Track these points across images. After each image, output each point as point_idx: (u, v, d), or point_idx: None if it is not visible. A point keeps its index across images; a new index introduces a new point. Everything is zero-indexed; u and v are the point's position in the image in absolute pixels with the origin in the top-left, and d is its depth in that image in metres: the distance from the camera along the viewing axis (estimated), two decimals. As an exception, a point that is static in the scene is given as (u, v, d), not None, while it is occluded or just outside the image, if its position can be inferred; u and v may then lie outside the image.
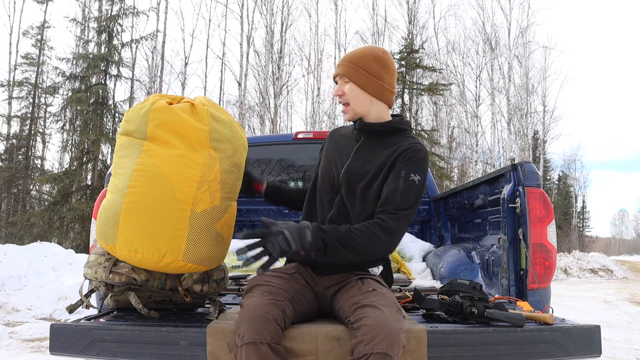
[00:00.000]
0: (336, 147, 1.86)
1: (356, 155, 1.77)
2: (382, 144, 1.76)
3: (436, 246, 3.20)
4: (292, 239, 1.44)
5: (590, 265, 16.49)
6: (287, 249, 1.44)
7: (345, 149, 1.82)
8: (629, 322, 6.12)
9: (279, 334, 1.41)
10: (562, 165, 34.27)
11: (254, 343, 1.35)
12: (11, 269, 6.33)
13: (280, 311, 1.44)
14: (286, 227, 1.47)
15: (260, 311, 1.40)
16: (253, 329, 1.36)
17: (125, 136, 1.70)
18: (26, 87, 20.87)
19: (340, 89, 1.77)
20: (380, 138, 1.78)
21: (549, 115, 24.99)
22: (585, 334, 1.60)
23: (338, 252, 1.52)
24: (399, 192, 1.61)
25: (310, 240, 1.47)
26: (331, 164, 1.81)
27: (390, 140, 1.76)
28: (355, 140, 1.82)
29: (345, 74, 1.76)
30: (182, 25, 25.53)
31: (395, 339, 1.33)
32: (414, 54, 17.35)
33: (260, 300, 1.45)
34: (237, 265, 2.73)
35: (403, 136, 1.77)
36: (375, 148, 1.76)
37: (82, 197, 14.23)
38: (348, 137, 1.86)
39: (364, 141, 1.79)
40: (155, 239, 1.57)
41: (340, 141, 1.88)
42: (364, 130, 1.79)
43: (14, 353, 3.93)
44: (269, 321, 1.38)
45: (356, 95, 1.75)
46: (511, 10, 22.78)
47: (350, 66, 1.75)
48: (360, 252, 1.55)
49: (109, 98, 15.28)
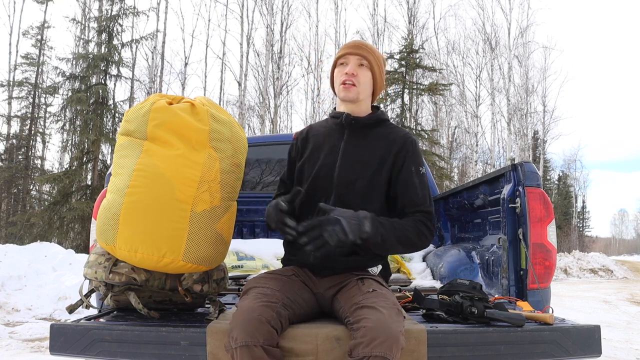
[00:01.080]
0: (317, 146, 1.82)
1: (346, 151, 1.75)
2: (369, 136, 1.77)
3: (436, 246, 3.20)
4: (349, 230, 1.47)
5: (590, 265, 16.49)
6: (343, 238, 1.46)
7: (330, 146, 1.78)
8: (629, 322, 6.12)
9: (273, 336, 1.40)
10: (562, 165, 34.32)
11: (247, 346, 1.35)
12: (11, 269, 6.33)
13: (275, 313, 1.43)
14: (344, 216, 1.48)
15: (253, 314, 1.40)
16: (245, 332, 1.36)
17: (125, 136, 1.71)
18: (26, 87, 20.86)
19: (355, 69, 1.76)
20: (365, 130, 1.79)
21: (549, 115, 25.02)
22: (585, 334, 1.60)
23: (391, 246, 1.58)
24: (420, 191, 1.71)
25: (368, 232, 1.50)
26: (317, 163, 1.77)
27: (376, 132, 1.78)
28: (339, 134, 1.80)
29: (367, 58, 1.76)
30: (182, 25, 25.54)
31: (394, 342, 1.33)
32: (414, 54, 17.33)
33: (254, 302, 1.45)
34: (237, 265, 2.73)
35: (387, 127, 1.81)
36: (364, 142, 1.76)
37: (82, 197, 14.23)
38: (327, 133, 1.83)
39: (350, 136, 1.78)
40: (155, 239, 1.57)
41: (320, 139, 1.83)
42: (351, 125, 1.78)
43: (14, 353, 3.93)
44: (262, 324, 1.38)
45: (367, 83, 1.78)
46: (511, 10, 22.79)
47: (373, 55, 1.78)
48: (409, 246, 1.63)
49: (109, 98, 15.29)
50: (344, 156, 1.75)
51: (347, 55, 1.77)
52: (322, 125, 1.89)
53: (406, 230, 1.62)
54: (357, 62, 1.76)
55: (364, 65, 1.76)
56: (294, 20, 22.09)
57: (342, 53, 1.79)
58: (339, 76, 1.78)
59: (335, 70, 1.83)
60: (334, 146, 1.78)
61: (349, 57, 1.77)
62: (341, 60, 1.79)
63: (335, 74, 1.83)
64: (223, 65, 21.62)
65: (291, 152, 1.92)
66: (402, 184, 1.72)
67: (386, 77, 14.47)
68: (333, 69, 1.85)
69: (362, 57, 1.76)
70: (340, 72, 1.79)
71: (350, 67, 1.76)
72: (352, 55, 1.76)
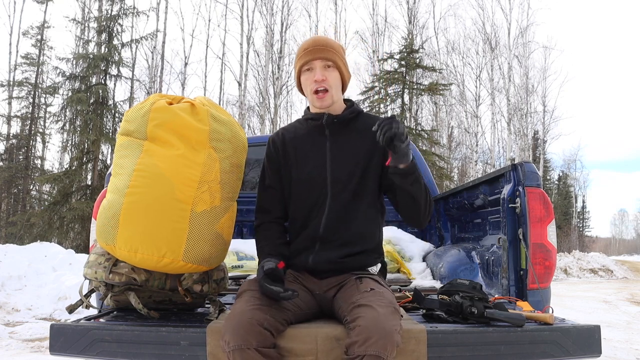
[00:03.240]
0: (300, 149, 1.79)
1: (334, 151, 1.75)
2: (351, 131, 1.77)
3: (436, 246, 3.20)
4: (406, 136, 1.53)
5: (590, 265, 16.48)
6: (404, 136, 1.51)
7: (315, 148, 1.77)
8: (629, 322, 6.12)
9: (267, 338, 1.40)
10: (562, 165, 34.32)
11: (240, 349, 1.36)
12: (11, 269, 6.33)
13: (268, 315, 1.43)
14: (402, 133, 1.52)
15: (244, 317, 1.40)
16: (237, 335, 1.36)
17: (125, 136, 1.70)
18: (26, 87, 20.86)
19: (323, 74, 1.72)
20: (346, 126, 1.78)
21: (549, 115, 25.02)
22: (585, 334, 1.60)
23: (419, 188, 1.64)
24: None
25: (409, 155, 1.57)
26: (306, 166, 1.76)
27: (356, 125, 1.79)
28: (320, 134, 1.78)
29: (331, 59, 1.72)
30: (182, 25, 25.51)
31: (389, 340, 1.33)
32: (414, 54, 17.31)
33: (246, 305, 1.44)
34: (237, 265, 2.73)
35: (365, 117, 1.82)
36: (348, 138, 1.76)
37: (82, 197, 14.23)
38: (307, 134, 1.80)
39: (332, 134, 1.77)
40: (155, 239, 1.57)
41: (301, 142, 1.80)
42: (333, 123, 1.77)
43: (14, 353, 3.93)
44: (253, 326, 1.38)
45: (337, 83, 1.76)
46: (511, 10, 22.79)
47: (335, 52, 1.74)
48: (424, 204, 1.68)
49: (109, 98, 15.28)
50: (332, 155, 1.74)
51: (311, 62, 1.72)
52: (298, 127, 1.85)
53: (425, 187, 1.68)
54: (323, 64, 1.72)
55: (330, 66, 1.73)
56: (294, 20, 22.11)
57: (305, 60, 1.73)
58: (308, 84, 1.74)
59: (302, 77, 1.78)
60: (320, 147, 1.76)
61: (313, 63, 1.72)
62: (306, 66, 1.74)
63: (303, 82, 1.78)
64: (223, 65, 21.64)
65: (270, 156, 1.84)
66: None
67: (386, 77, 14.26)
68: (298, 75, 1.79)
69: (325, 59, 1.72)
70: (308, 79, 1.74)
71: (318, 74, 1.71)
72: (315, 60, 1.72)
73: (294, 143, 1.81)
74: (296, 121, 1.91)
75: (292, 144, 1.81)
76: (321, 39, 1.76)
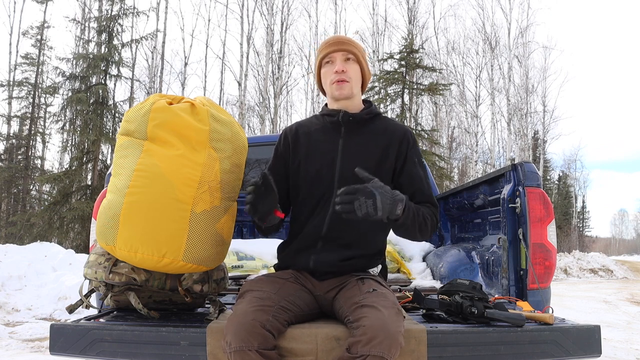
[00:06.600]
0: (312, 143, 1.79)
1: (346, 148, 1.74)
2: (366, 132, 1.77)
3: (436, 246, 3.20)
4: (381, 208, 1.43)
5: (590, 265, 16.48)
6: (372, 214, 1.43)
7: (327, 144, 1.76)
8: (629, 322, 6.12)
9: (269, 340, 1.39)
10: (562, 165, 34.33)
11: (242, 351, 1.35)
12: (11, 269, 6.33)
13: (270, 316, 1.42)
14: (380, 191, 1.44)
15: (246, 318, 1.39)
16: (239, 337, 1.36)
17: (126, 136, 1.70)
18: (26, 87, 20.84)
19: (344, 65, 1.74)
20: (362, 126, 1.78)
21: (549, 115, 25.03)
22: (585, 334, 1.60)
23: (411, 232, 1.62)
24: (425, 182, 1.75)
25: (398, 215, 1.50)
26: (316, 162, 1.75)
27: (373, 126, 1.78)
28: (335, 132, 1.78)
29: (352, 52, 1.75)
30: (182, 25, 25.51)
31: (394, 342, 1.33)
32: (414, 54, 17.30)
33: (248, 306, 1.44)
34: (237, 265, 2.73)
35: (383, 120, 1.82)
36: (362, 138, 1.76)
37: (82, 197, 14.23)
38: (322, 131, 1.80)
39: (347, 133, 1.77)
40: (155, 239, 1.56)
41: (314, 137, 1.80)
42: (348, 121, 1.76)
43: (14, 353, 3.93)
44: (255, 328, 1.37)
45: (357, 76, 1.78)
46: (511, 10, 22.79)
47: (356, 47, 1.77)
48: (423, 235, 1.65)
49: (109, 98, 15.28)
50: (344, 153, 1.74)
51: (331, 54, 1.75)
52: (313, 122, 1.85)
53: (426, 220, 1.65)
54: (344, 57, 1.75)
55: (351, 59, 1.75)
56: (294, 20, 22.15)
57: (327, 52, 1.76)
58: (329, 75, 1.76)
59: (322, 71, 1.80)
60: (332, 144, 1.76)
61: (334, 55, 1.75)
62: (326, 59, 1.77)
63: (323, 74, 1.80)
64: (223, 65, 21.65)
65: (279, 146, 1.85)
66: (406, 175, 1.74)
67: (386, 77, 14.29)
68: (319, 70, 1.82)
69: (347, 52, 1.74)
70: (328, 71, 1.77)
71: (338, 65, 1.74)
72: (337, 52, 1.75)
73: (307, 137, 1.81)
74: (313, 116, 1.91)
75: (305, 138, 1.81)
76: (343, 36, 1.82)
